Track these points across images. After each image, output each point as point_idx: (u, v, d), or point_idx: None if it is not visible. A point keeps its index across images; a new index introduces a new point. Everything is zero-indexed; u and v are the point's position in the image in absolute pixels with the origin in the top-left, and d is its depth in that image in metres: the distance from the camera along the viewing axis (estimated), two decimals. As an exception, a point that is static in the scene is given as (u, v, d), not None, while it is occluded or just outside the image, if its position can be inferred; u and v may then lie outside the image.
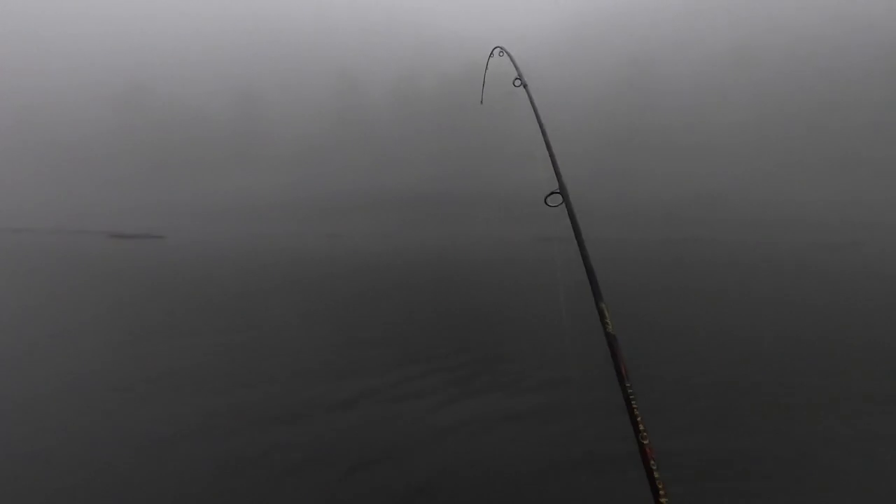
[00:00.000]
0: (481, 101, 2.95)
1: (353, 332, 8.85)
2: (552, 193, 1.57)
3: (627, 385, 1.28)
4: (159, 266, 19.61)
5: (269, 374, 6.43)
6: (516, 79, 2.06)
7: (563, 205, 1.54)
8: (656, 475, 1.17)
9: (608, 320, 1.36)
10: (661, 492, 1.15)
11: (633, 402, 1.25)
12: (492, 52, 2.50)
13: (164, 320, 9.81)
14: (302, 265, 19.94)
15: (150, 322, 9.62)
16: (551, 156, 1.65)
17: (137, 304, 11.97)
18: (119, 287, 15.53)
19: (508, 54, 2.25)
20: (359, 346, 7.86)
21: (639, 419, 1.23)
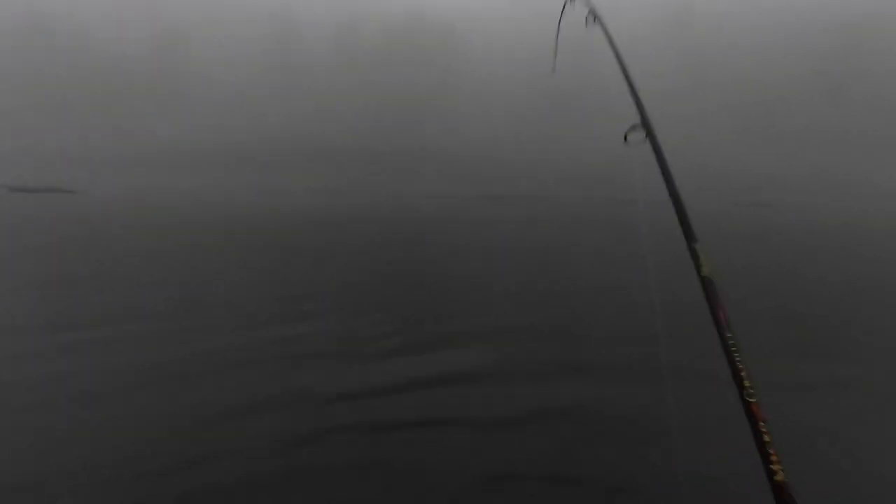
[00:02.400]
0: (553, 70, 2.64)
1: (293, 287, 8.39)
2: (633, 128, 1.35)
3: (729, 336, 1.10)
4: (71, 223, 17.45)
5: (207, 329, 5.94)
6: (589, 14, 1.80)
7: (647, 141, 1.33)
8: (766, 438, 1.00)
9: (702, 262, 1.17)
10: (774, 458, 0.99)
11: (735, 353, 1.08)
12: (564, 5, 2.20)
13: (79, 281, 8.71)
14: (237, 221, 18.53)
15: (63, 283, 8.52)
16: (631, 86, 1.44)
17: (47, 264, 10.58)
18: (25, 247, 13.68)
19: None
20: (298, 300, 7.47)
21: (743, 373, 1.06)
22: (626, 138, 1.37)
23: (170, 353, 5.20)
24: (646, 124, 1.35)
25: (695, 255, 1.18)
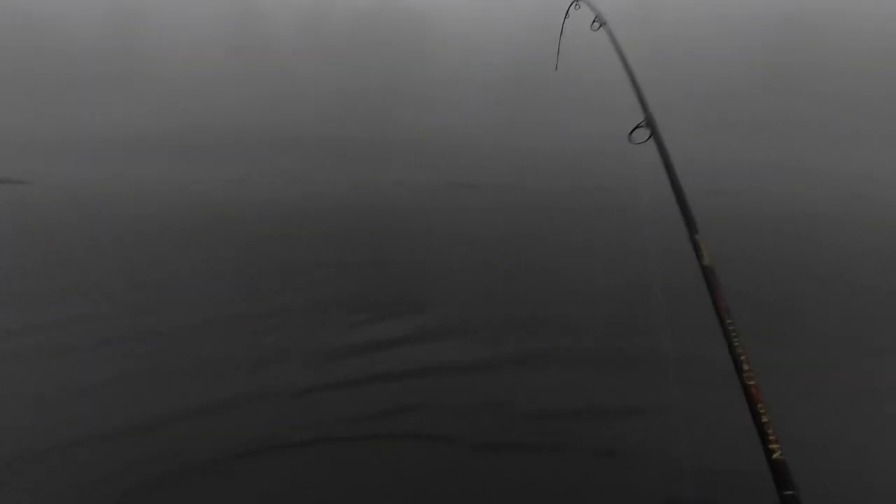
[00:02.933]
0: (556, 68, 2.64)
1: (259, 274, 8.17)
2: (637, 127, 1.40)
3: (729, 322, 1.14)
4: (26, 215, 16.44)
5: (166, 315, 5.71)
6: (595, 21, 1.82)
7: (651, 139, 1.38)
8: (765, 419, 1.04)
9: (703, 252, 1.22)
10: (772, 437, 1.03)
11: (735, 338, 1.12)
12: (569, 7, 2.20)
13: (37, 274, 8.22)
14: (199, 209, 17.72)
15: (20, 276, 8.02)
16: (636, 87, 1.49)
17: (2, 257, 9.96)
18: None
19: (588, 3, 2.01)
20: (264, 286, 7.26)
21: (742, 357, 1.10)
22: (630, 136, 1.42)
23: (132, 329, 5.05)
24: (650, 123, 1.40)
25: (696, 246, 1.23)
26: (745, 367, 1.09)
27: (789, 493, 0.96)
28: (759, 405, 1.05)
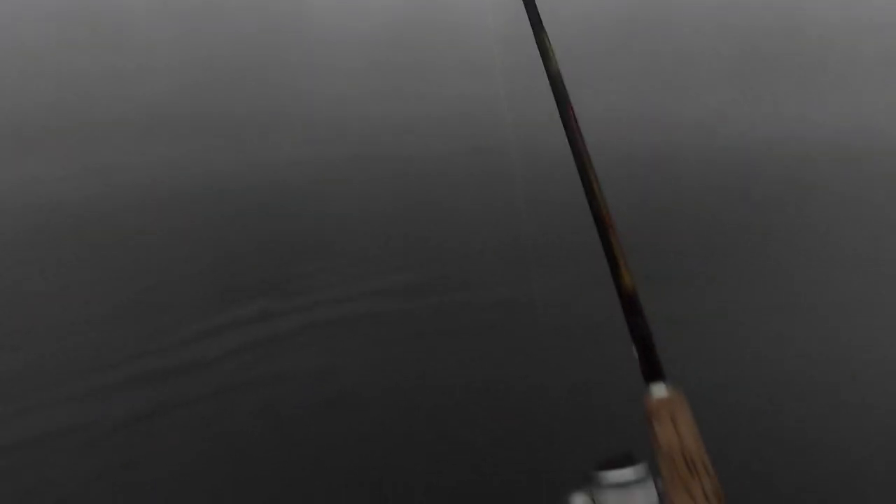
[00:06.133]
0: None
1: (140, 273, 6.93)
2: None
3: (579, 133, 0.91)
4: None
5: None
6: None
7: None
8: (615, 248, 0.84)
9: (551, 56, 0.96)
10: (622, 263, 0.83)
11: (588, 160, 0.90)
12: None
13: None
14: (52, 210, 14.52)
15: None
16: None
17: None
18: None
19: None
20: (146, 285, 6.16)
21: (593, 180, 0.88)
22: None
23: None
24: None
25: (542, 47, 0.96)
26: (595, 188, 0.87)
27: (636, 319, 0.80)
28: (611, 229, 0.85)
